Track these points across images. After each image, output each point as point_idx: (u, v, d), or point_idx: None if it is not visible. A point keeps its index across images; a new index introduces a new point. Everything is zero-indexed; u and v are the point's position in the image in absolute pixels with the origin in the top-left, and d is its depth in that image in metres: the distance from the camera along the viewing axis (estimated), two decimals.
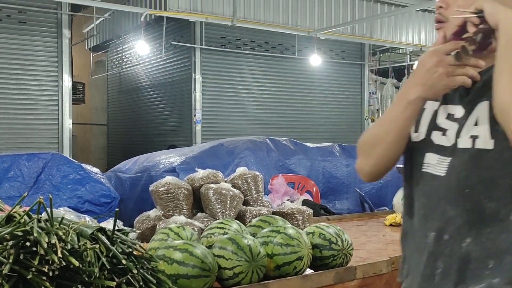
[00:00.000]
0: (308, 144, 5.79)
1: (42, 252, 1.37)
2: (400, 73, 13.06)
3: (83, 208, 3.89)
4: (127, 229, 1.98)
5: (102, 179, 4.26)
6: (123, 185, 4.96)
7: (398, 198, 3.66)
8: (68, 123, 7.57)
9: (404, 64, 12.94)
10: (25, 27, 7.35)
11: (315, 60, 9.73)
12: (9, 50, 7.25)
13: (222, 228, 2.23)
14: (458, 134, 1.32)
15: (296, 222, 2.83)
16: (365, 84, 11.36)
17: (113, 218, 3.14)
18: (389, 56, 13.09)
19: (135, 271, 1.54)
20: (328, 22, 9.75)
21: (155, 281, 1.62)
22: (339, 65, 10.93)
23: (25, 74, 7.36)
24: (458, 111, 1.35)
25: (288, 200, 3.52)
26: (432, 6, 10.53)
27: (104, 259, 1.51)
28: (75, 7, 7.79)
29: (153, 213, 2.75)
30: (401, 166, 1.50)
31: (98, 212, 3.92)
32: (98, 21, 10.31)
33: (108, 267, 1.51)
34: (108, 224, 2.40)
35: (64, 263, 1.39)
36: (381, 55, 13.21)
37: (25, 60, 7.36)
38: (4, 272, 1.32)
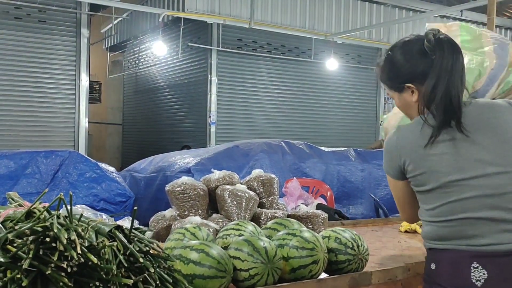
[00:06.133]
0: (323, 148, 5.77)
1: (61, 248, 1.37)
2: None
3: (98, 206, 3.92)
4: (143, 228, 1.98)
5: (117, 178, 4.28)
6: (138, 185, 4.99)
7: None
8: (84, 122, 7.63)
9: None
10: (45, 26, 7.44)
11: (332, 64, 9.71)
12: (28, 48, 7.34)
13: (238, 229, 2.23)
14: None
15: (311, 226, 2.82)
16: (381, 89, 11.31)
17: (129, 217, 3.16)
18: None
19: (152, 270, 1.54)
20: (345, 26, 9.73)
21: (171, 281, 1.62)
22: (355, 69, 10.89)
23: (43, 72, 7.44)
24: None
25: (302, 203, 3.51)
26: (451, 12, 10.46)
27: (121, 257, 1.52)
28: (94, 7, 7.86)
29: (168, 212, 2.75)
30: None
31: (113, 211, 3.94)
32: (116, 21, 10.40)
33: (126, 265, 1.52)
34: (124, 223, 2.41)
35: (82, 260, 1.40)
36: None
37: (44, 58, 7.44)
38: (23, 267, 1.33)
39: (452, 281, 1.74)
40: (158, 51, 9.19)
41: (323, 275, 2.18)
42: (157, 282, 1.57)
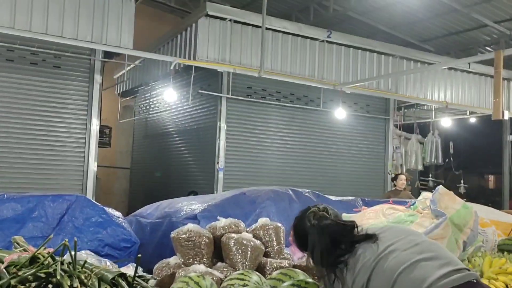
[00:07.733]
0: (330, 197, 5.73)
1: None
2: (425, 129, 13.00)
3: (103, 251, 3.88)
4: (147, 275, 1.97)
5: (123, 223, 4.26)
6: (143, 230, 4.95)
7: None
8: (93, 166, 7.68)
9: (429, 120, 12.90)
10: (59, 71, 7.60)
11: (340, 113, 9.79)
12: (43, 92, 7.48)
13: (242, 279, 2.20)
14: None
15: (317, 278, 2.77)
16: (389, 138, 11.33)
17: (133, 263, 3.13)
18: (414, 112, 13.09)
19: None
20: (353, 76, 9.86)
21: None
22: (364, 118, 10.96)
23: (55, 116, 7.55)
24: None
25: None
26: (459, 64, 10.59)
27: None
28: (107, 54, 8.05)
29: (173, 260, 2.73)
30: None
31: (118, 257, 3.89)
32: (128, 68, 10.62)
33: None
34: (128, 270, 2.39)
35: None
36: (406, 110, 13.23)
37: (57, 103, 7.57)
38: None
39: None
40: (168, 98, 9.33)
41: None
42: None
